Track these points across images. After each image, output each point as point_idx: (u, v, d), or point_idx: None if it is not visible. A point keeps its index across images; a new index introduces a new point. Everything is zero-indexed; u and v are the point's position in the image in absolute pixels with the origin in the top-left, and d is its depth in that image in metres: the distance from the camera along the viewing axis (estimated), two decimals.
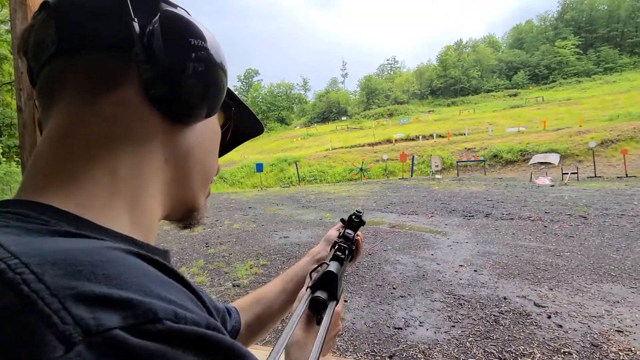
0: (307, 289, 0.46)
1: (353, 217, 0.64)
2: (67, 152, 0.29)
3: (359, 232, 0.66)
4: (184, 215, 0.38)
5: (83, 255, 0.19)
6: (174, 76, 0.31)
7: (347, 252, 0.56)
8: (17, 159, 17.66)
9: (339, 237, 0.60)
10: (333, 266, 0.49)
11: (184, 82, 0.31)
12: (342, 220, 0.70)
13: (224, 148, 0.47)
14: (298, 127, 67.85)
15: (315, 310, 0.43)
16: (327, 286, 0.46)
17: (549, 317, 2.98)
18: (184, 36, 0.31)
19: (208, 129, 0.38)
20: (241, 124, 0.47)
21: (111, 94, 0.30)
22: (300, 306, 0.42)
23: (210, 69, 0.32)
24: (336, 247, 0.56)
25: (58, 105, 0.30)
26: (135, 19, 0.30)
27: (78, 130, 0.29)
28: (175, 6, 0.33)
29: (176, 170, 0.34)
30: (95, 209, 0.27)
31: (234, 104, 0.44)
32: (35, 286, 0.16)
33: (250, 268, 4.68)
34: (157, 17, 0.30)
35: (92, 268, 0.18)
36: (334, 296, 0.45)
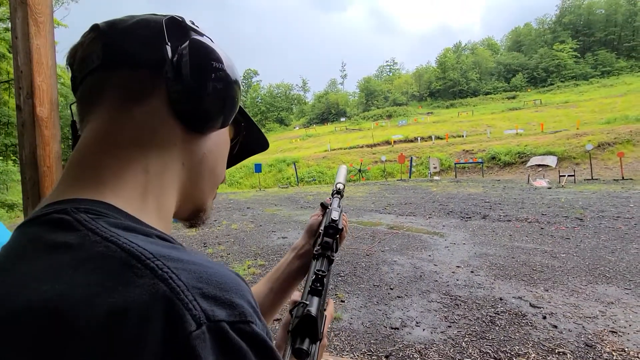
0: (288, 332, 0.46)
1: (329, 227, 0.60)
2: (109, 152, 0.34)
3: (344, 215, 0.66)
4: (191, 214, 0.43)
5: (201, 267, 0.26)
6: (197, 93, 0.36)
7: (327, 272, 0.53)
8: (13, 157, 17.57)
9: (318, 244, 0.57)
10: (313, 305, 0.46)
11: (205, 98, 0.36)
12: (322, 205, 0.68)
13: (232, 160, 0.51)
14: (297, 128, 67.82)
15: (300, 358, 0.43)
16: (308, 331, 0.44)
17: (544, 317, 3.01)
18: (207, 60, 0.36)
19: (220, 139, 0.43)
20: (248, 139, 0.52)
21: (143, 104, 0.35)
22: (286, 356, 0.43)
23: (227, 87, 0.38)
24: (314, 274, 0.52)
25: (97, 111, 0.36)
26: (169, 44, 0.35)
27: (117, 133, 0.34)
28: (202, 35, 0.39)
29: (191, 174, 0.39)
30: (135, 206, 0.32)
31: (243, 120, 0.49)
32: (178, 282, 0.23)
33: (248, 268, 4.69)
34: (186, 44, 0.36)
35: (208, 276, 0.25)
36: (316, 339, 0.45)
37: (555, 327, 2.85)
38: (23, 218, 1.27)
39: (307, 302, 0.47)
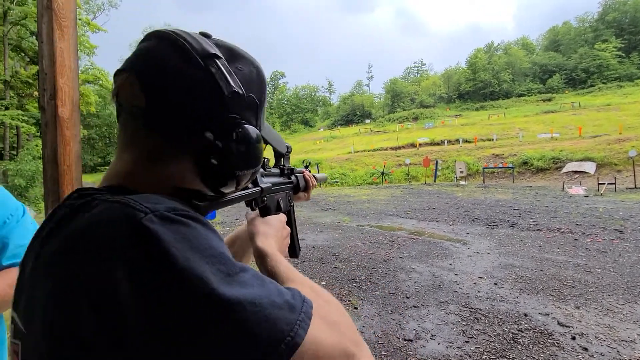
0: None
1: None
2: (129, 183, 0.42)
3: (303, 170, 0.86)
4: None
5: (148, 197, 0.35)
6: (229, 175, 0.44)
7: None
8: None
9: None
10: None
11: (236, 177, 0.45)
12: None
13: None
14: (321, 130, 67.90)
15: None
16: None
17: (574, 338, 2.78)
18: (245, 152, 0.44)
19: None
20: None
21: (165, 165, 0.43)
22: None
23: (255, 171, 0.48)
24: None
25: (130, 152, 0.43)
26: (209, 130, 0.42)
27: (138, 178, 0.43)
28: (252, 125, 0.46)
29: None
30: None
31: None
32: (127, 200, 0.34)
33: None
34: (234, 135, 0.43)
35: (155, 199, 0.35)
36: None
37: (586, 349, 2.62)
38: (44, 214, 1.31)
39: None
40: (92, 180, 32.29)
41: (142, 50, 0.43)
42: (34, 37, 20.10)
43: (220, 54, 0.43)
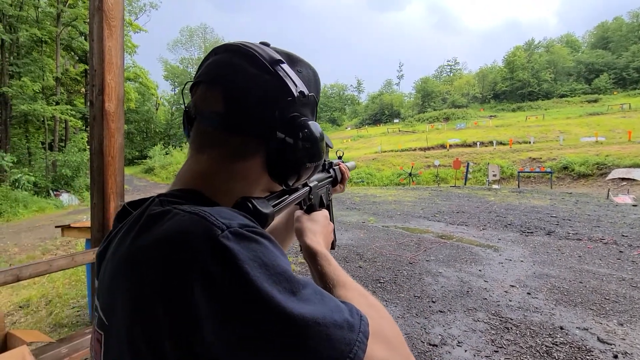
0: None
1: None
2: (205, 185, 0.46)
3: (339, 162, 0.84)
4: None
5: (222, 211, 0.37)
6: (295, 167, 0.48)
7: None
8: None
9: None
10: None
11: (301, 171, 0.49)
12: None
13: None
14: (349, 129, 67.55)
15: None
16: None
17: (616, 357, 2.59)
18: (312, 145, 0.47)
19: None
20: None
21: (246, 161, 0.47)
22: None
23: (318, 165, 0.51)
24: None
25: (204, 154, 0.47)
26: (280, 128, 0.46)
27: (214, 177, 0.47)
28: (312, 122, 0.48)
29: (264, 192, 0.52)
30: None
31: None
32: (205, 213, 0.35)
33: (291, 264, 4.76)
34: (301, 133, 0.46)
35: (228, 214, 0.37)
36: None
37: None
38: (89, 201, 1.40)
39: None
40: (130, 173, 34.15)
41: (216, 62, 0.47)
42: (82, 37, 21.52)
43: (283, 59, 0.47)
